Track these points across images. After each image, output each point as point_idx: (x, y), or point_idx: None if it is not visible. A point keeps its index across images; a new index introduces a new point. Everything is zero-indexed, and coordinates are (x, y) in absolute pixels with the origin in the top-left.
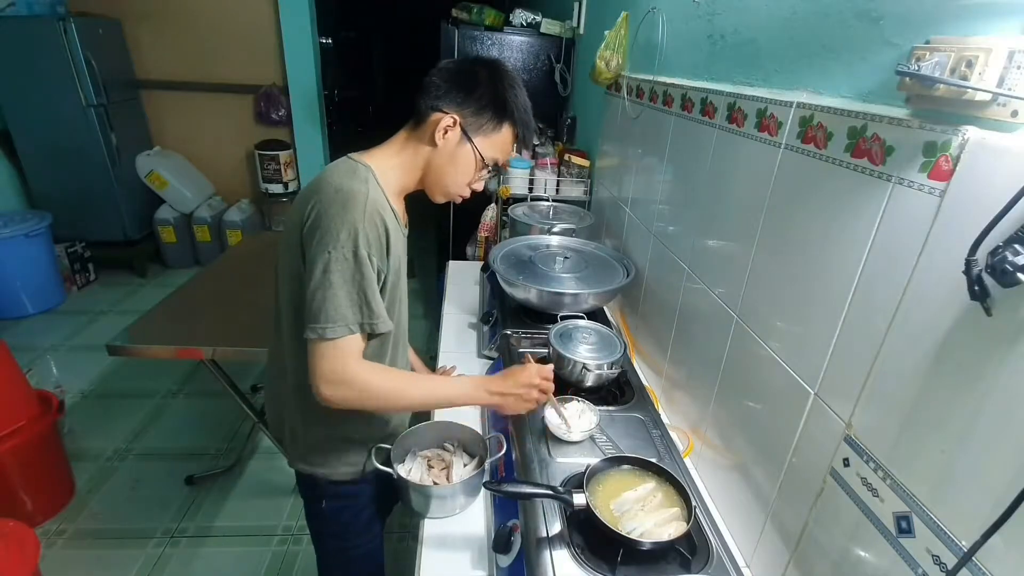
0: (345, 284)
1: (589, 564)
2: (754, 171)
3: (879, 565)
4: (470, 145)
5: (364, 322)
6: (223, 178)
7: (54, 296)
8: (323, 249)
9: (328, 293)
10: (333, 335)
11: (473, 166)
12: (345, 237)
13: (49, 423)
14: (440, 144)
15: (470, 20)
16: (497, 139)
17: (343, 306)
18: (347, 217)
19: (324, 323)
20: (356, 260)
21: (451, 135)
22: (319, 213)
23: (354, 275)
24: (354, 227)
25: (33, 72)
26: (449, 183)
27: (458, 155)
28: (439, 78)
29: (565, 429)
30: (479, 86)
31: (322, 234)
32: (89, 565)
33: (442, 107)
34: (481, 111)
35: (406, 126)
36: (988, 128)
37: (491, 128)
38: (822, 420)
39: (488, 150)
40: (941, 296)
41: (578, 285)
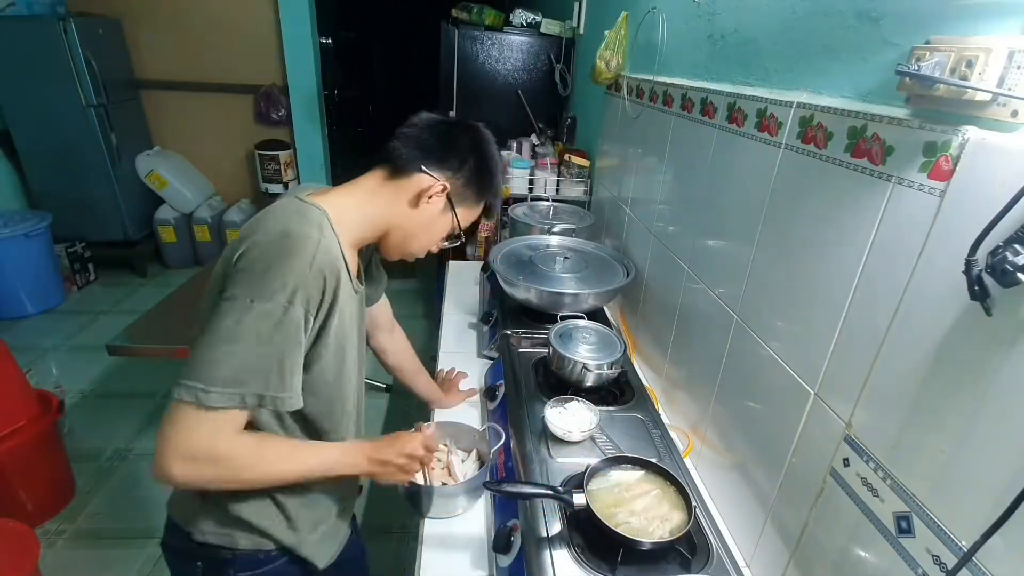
0: (260, 344)
1: (589, 564)
2: (754, 171)
3: (879, 565)
4: (452, 215)
5: (268, 394)
6: (223, 178)
7: (54, 296)
8: (244, 296)
9: (234, 349)
10: (219, 403)
11: (445, 234)
12: (279, 288)
13: (49, 423)
14: (422, 208)
15: (470, 20)
16: (473, 211)
17: (247, 370)
18: (289, 265)
19: (209, 384)
20: (286, 319)
21: (436, 201)
22: (254, 256)
23: (275, 338)
24: (294, 279)
25: (33, 72)
26: (415, 246)
27: (436, 222)
28: (428, 136)
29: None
30: (469, 157)
31: (250, 280)
32: (89, 565)
33: (433, 171)
34: (468, 184)
35: (376, 172)
36: (988, 128)
37: (472, 201)
38: (822, 420)
39: (463, 219)
40: (941, 296)
41: (578, 285)
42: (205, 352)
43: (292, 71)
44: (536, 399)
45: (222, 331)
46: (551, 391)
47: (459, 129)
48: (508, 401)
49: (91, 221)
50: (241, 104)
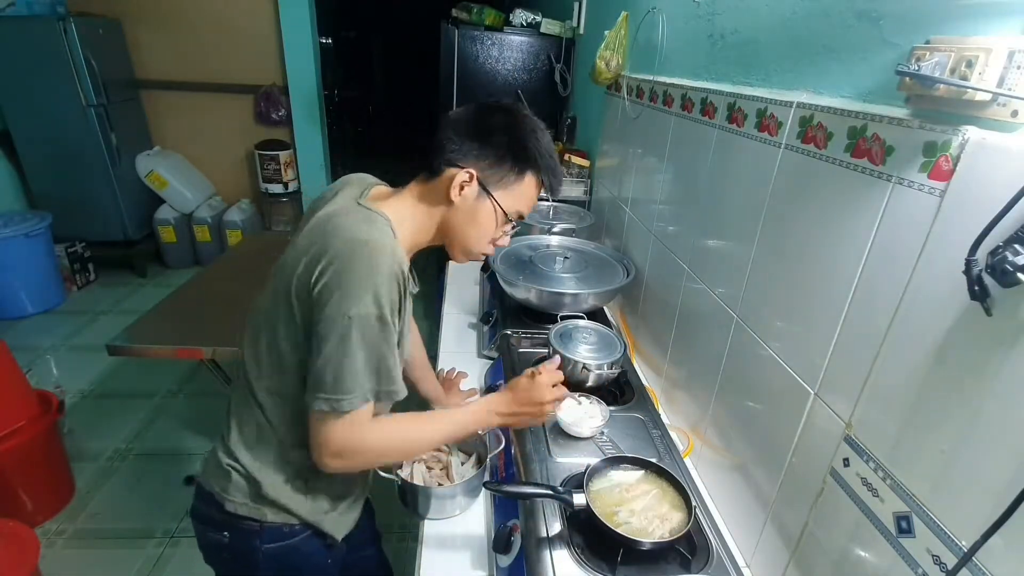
0: (364, 351)
1: (589, 564)
2: (754, 171)
3: (879, 565)
4: (490, 200)
5: (381, 390)
6: (223, 178)
7: (54, 296)
8: (343, 313)
9: (345, 362)
10: (350, 407)
11: (495, 222)
12: (370, 300)
13: (49, 423)
14: (457, 202)
15: (470, 20)
16: (520, 190)
17: (361, 375)
18: (373, 277)
19: (340, 394)
20: (381, 325)
21: (468, 191)
22: (338, 269)
23: (376, 342)
24: (379, 287)
25: (33, 72)
26: (470, 242)
27: (478, 212)
28: (452, 131)
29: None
30: (495, 133)
31: (342, 295)
32: (89, 565)
33: (456, 161)
34: (500, 161)
35: (417, 179)
36: (988, 128)
37: (513, 179)
38: (822, 420)
39: (511, 203)
40: (941, 296)
41: (578, 285)
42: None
43: (292, 71)
44: None
45: (331, 347)
46: None
47: (481, 111)
48: None
49: (91, 221)
50: (241, 104)
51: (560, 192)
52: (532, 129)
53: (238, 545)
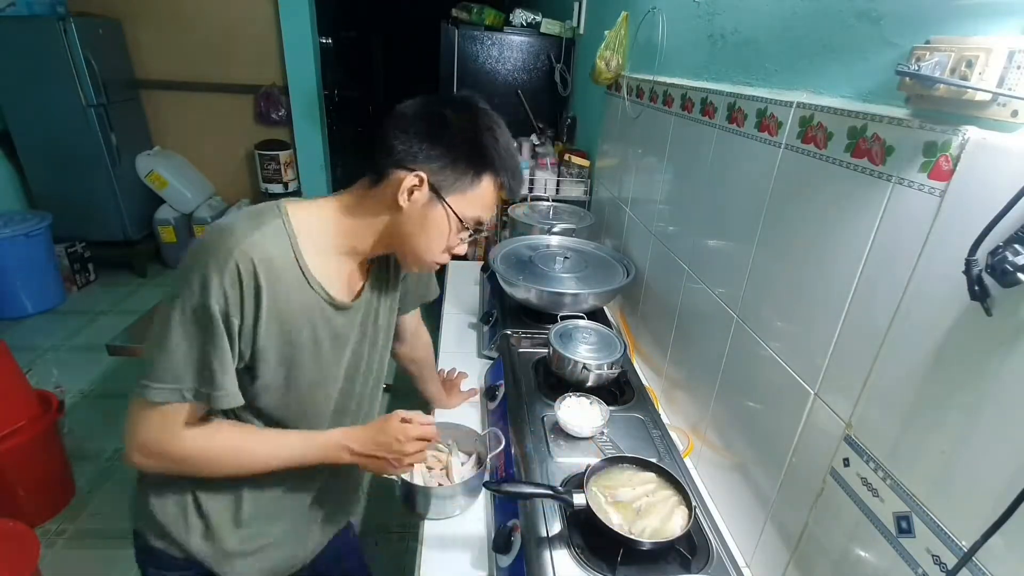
0: (184, 341)
1: (589, 564)
2: (754, 171)
3: (879, 565)
4: (443, 206)
5: (202, 390)
6: (223, 178)
7: (54, 296)
8: (171, 293)
9: (161, 347)
10: (159, 398)
11: (448, 229)
12: (196, 286)
13: (49, 423)
14: (405, 207)
15: (470, 20)
16: (476, 194)
17: (179, 366)
18: (205, 261)
19: (151, 381)
20: (203, 317)
21: (418, 196)
22: (187, 253)
23: (196, 333)
24: (209, 275)
25: (33, 72)
26: (421, 251)
27: (429, 218)
28: (399, 127)
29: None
30: (447, 132)
31: (177, 276)
32: (89, 565)
33: (405, 163)
34: (453, 163)
35: (361, 181)
36: (988, 128)
37: (468, 182)
38: (822, 420)
39: (467, 209)
40: (941, 296)
41: (578, 285)
42: (149, 350)
43: (292, 71)
44: (536, 399)
45: (157, 328)
46: (551, 391)
47: (432, 106)
48: (508, 401)
49: (91, 221)
50: (241, 104)
51: (520, 195)
52: (488, 126)
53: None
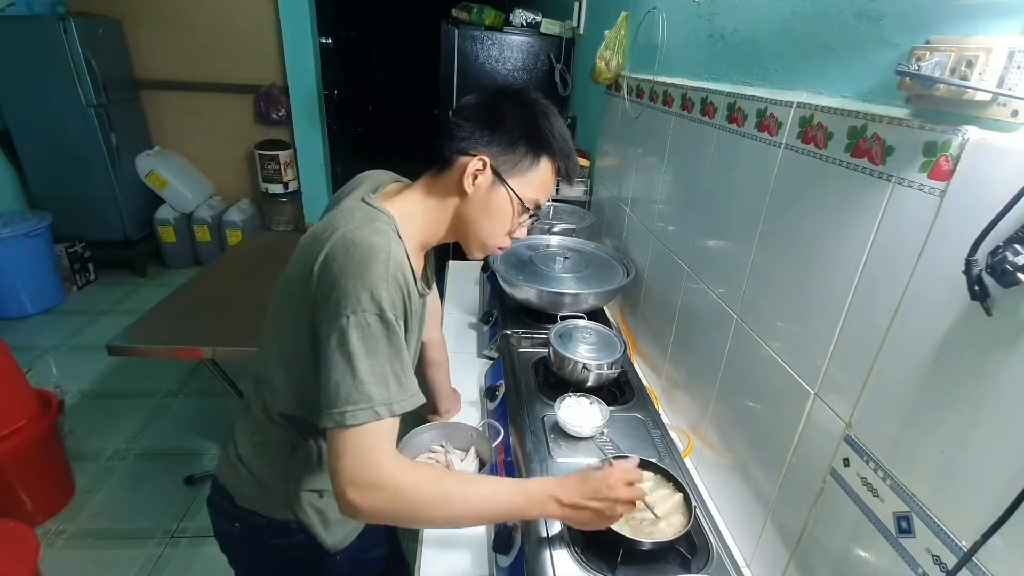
0: (369, 355)
1: (589, 564)
2: (754, 171)
3: (879, 565)
4: (505, 188)
5: (395, 401)
6: (223, 178)
7: (54, 296)
8: (339, 314)
9: (346, 369)
10: (354, 420)
11: (511, 212)
12: (367, 299)
13: (49, 423)
14: (470, 192)
15: (470, 20)
16: (536, 177)
17: (367, 383)
18: (368, 277)
19: (343, 406)
20: (383, 324)
21: (481, 180)
22: (335, 272)
23: (379, 343)
24: (375, 286)
25: (33, 72)
26: (486, 235)
27: (492, 202)
28: (461, 118)
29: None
30: (506, 118)
31: (338, 296)
32: (89, 565)
33: (468, 149)
34: (513, 146)
35: (428, 172)
36: (988, 128)
37: (527, 165)
38: (822, 420)
39: (527, 191)
40: (941, 296)
41: (578, 285)
42: (331, 378)
43: (292, 71)
44: (536, 399)
45: (330, 354)
46: (551, 391)
47: (491, 96)
48: (508, 401)
49: (91, 221)
50: (241, 104)
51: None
52: (544, 112)
53: (248, 536)
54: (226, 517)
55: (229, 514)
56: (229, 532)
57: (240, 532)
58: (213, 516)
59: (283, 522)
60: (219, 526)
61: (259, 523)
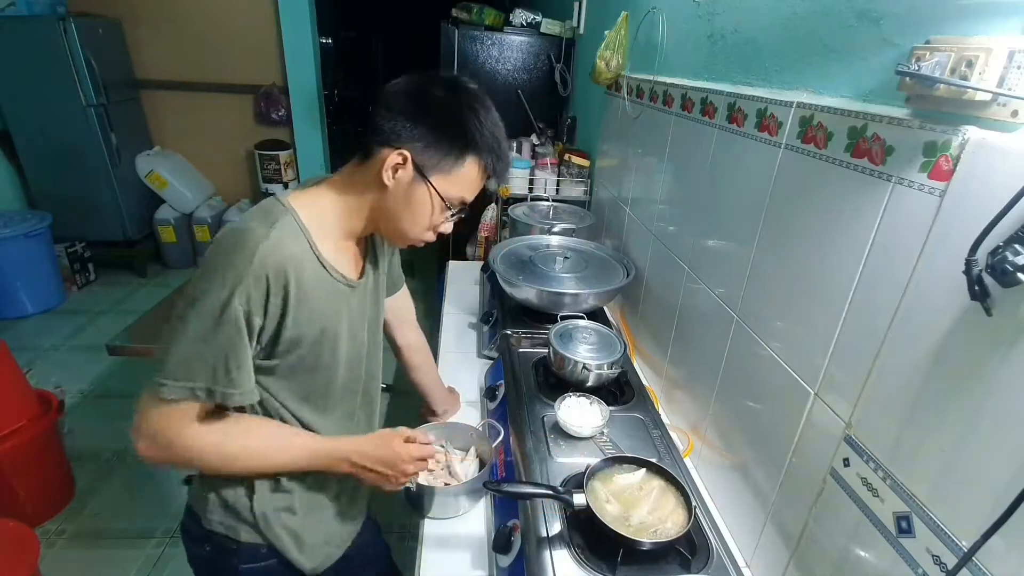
0: (204, 340)
1: (589, 564)
2: (754, 171)
3: (879, 565)
4: (426, 185)
5: (216, 389)
6: (223, 178)
7: (54, 296)
8: (191, 294)
9: (177, 345)
10: (166, 395)
11: (432, 209)
12: (218, 286)
13: (49, 423)
14: (390, 185)
15: (470, 20)
16: (460, 175)
17: (193, 365)
18: (227, 264)
19: (164, 378)
20: (225, 317)
21: (402, 174)
22: (206, 254)
23: (216, 332)
24: (232, 278)
25: (33, 72)
26: (406, 228)
27: (413, 197)
28: (386, 106)
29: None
30: (433, 110)
31: (198, 277)
32: (89, 565)
33: (390, 141)
34: (437, 143)
35: (351, 161)
36: (988, 128)
37: (452, 162)
38: (822, 420)
39: (450, 189)
40: (941, 296)
41: (578, 285)
42: (165, 347)
43: (292, 71)
44: (536, 399)
45: (174, 327)
46: (551, 391)
47: (420, 84)
48: (508, 401)
49: (91, 221)
50: (241, 104)
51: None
52: (472, 105)
53: (218, 561)
54: (195, 540)
55: (197, 537)
56: (199, 555)
57: (209, 555)
58: (185, 540)
59: (252, 545)
60: (190, 550)
61: (229, 547)
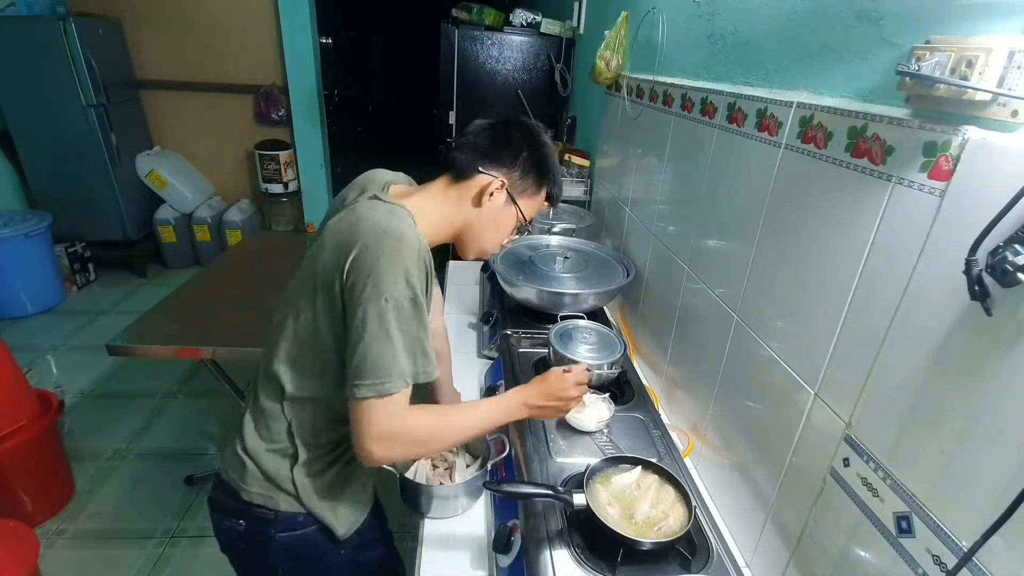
0: (404, 334)
1: (589, 564)
2: (754, 171)
3: (879, 565)
4: (515, 208)
5: (419, 371)
6: (223, 178)
7: (54, 296)
8: (377, 296)
9: (386, 345)
10: (391, 390)
11: (512, 226)
12: (403, 284)
13: (49, 423)
14: (485, 205)
15: (470, 20)
16: (536, 200)
17: (401, 357)
18: (401, 261)
19: (382, 378)
20: (415, 307)
21: (497, 197)
22: (369, 258)
23: (411, 323)
24: (409, 271)
25: (33, 72)
26: (487, 242)
27: (501, 217)
28: (482, 139)
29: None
30: (522, 150)
31: (376, 280)
32: (89, 565)
33: (489, 169)
34: (525, 175)
35: (443, 178)
36: (988, 128)
37: (533, 191)
38: (822, 420)
39: (528, 211)
40: (941, 296)
41: (578, 285)
42: (368, 353)
43: (292, 71)
44: None
45: (371, 332)
46: None
47: (510, 127)
48: None
49: (91, 221)
50: (241, 104)
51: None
52: (551, 149)
53: (253, 533)
54: (230, 514)
55: (233, 510)
56: (233, 530)
57: (245, 530)
58: (215, 516)
59: (291, 515)
60: (221, 525)
61: (265, 517)
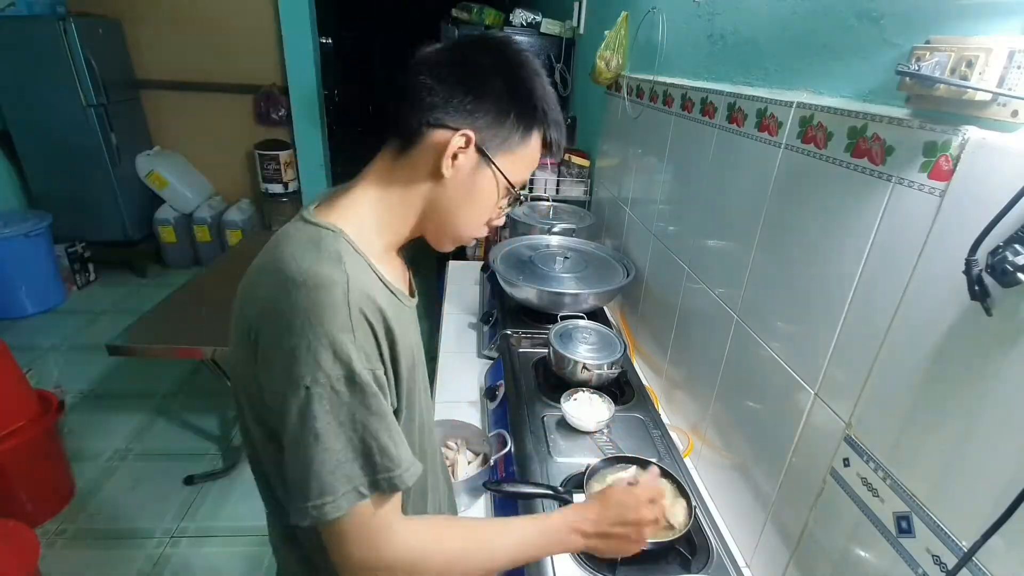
0: (340, 430)
1: (589, 564)
2: (754, 171)
3: (879, 565)
4: (492, 169)
5: (380, 477)
6: (223, 178)
7: (54, 296)
8: (296, 385)
9: (314, 451)
10: (337, 512)
11: (496, 197)
12: (328, 358)
13: (49, 423)
14: (448, 175)
15: (470, 20)
16: (524, 153)
17: (343, 464)
18: (321, 325)
19: (318, 498)
20: (352, 391)
21: (463, 160)
22: (275, 329)
23: (352, 414)
24: (336, 339)
25: (33, 72)
26: (462, 225)
27: (476, 185)
28: (431, 76)
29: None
30: (490, 79)
31: (288, 362)
32: (89, 565)
33: (445, 121)
34: (500, 119)
35: (386, 151)
36: (988, 128)
37: (517, 140)
38: (822, 420)
39: (514, 171)
40: (941, 296)
41: (578, 285)
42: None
43: (292, 71)
44: (536, 399)
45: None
46: (551, 391)
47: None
48: (508, 401)
49: (91, 221)
50: (241, 104)
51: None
52: (536, 71)
53: None
54: None
55: None
56: None
57: None
58: None
59: None
60: None
61: None
